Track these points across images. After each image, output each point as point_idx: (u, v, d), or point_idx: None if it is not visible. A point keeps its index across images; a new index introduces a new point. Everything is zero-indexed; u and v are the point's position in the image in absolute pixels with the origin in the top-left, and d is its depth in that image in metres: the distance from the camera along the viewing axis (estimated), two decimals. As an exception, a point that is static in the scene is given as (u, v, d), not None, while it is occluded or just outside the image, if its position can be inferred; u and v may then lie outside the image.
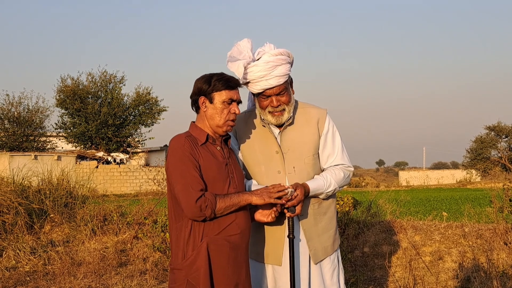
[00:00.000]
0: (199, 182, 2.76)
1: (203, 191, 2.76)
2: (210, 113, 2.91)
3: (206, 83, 2.90)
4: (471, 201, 15.91)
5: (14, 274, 6.84)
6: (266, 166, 3.19)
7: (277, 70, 3.05)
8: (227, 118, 2.90)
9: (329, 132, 3.27)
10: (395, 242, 6.74)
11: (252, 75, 3.05)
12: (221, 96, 2.88)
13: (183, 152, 2.80)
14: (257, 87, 3.09)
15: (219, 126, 2.91)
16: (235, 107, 2.92)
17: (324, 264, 3.24)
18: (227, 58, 3.12)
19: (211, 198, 2.74)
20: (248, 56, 3.06)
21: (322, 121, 3.26)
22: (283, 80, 3.08)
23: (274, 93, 3.09)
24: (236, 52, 3.10)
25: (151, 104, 37.18)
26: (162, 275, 6.56)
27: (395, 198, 10.05)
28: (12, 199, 8.21)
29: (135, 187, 31.40)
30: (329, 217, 3.29)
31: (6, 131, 34.65)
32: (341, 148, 3.29)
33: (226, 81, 2.89)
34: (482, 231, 6.56)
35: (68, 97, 34.51)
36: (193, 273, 2.77)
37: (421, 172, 56.99)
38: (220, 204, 2.75)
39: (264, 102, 3.14)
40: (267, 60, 3.03)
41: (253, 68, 3.04)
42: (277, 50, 3.09)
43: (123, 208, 8.92)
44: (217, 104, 2.89)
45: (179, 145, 2.83)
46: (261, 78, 3.05)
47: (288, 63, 3.11)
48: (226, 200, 2.77)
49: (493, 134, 49.74)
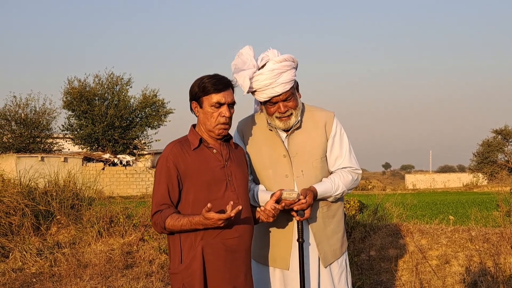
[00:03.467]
0: (163, 197, 2.81)
1: (164, 205, 2.80)
2: (202, 117, 2.89)
3: (196, 87, 2.87)
4: (478, 204, 15.84)
5: (21, 276, 6.86)
6: (273, 170, 3.19)
7: (283, 77, 3.03)
8: (217, 121, 2.85)
9: (337, 135, 3.25)
10: (402, 246, 6.72)
11: (258, 84, 3.04)
12: (209, 100, 2.84)
13: (163, 162, 2.85)
14: (263, 95, 3.08)
15: (210, 131, 2.89)
16: (225, 110, 2.85)
17: (333, 267, 3.24)
18: (232, 69, 3.11)
19: (162, 217, 2.76)
20: (252, 65, 3.05)
21: (330, 124, 3.25)
22: (289, 87, 3.07)
23: (280, 99, 3.09)
24: (240, 63, 3.08)
25: (157, 106, 37.25)
26: (168, 278, 6.55)
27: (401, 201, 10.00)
28: (18, 200, 8.23)
29: (141, 189, 31.49)
30: (337, 220, 3.28)
31: (13, 132, 34.81)
32: (348, 150, 3.28)
33: (214, 84, 2.83)
34: (489, 235, 6.53)
35: (75, 99, 34.63)
36: (188, 277, 2.76)
37: (428, 175, 56.84)
38: (169, 225, 2.75)
39: (272, 109, 3.14)
40: (272, 68, 3.02)
41: (259, 77, 3.03)
42: (281, 56, 3.07)
43: (129, 210, 8.92)
44: (206, 108, 2.85)
45: (164, 154, 2.88)
46: (267, 87, 3.03)
47: (293, 68, 3.10)
48: (175, 224, 2.73)
49: (500, 137, 49.62)
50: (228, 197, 2.83)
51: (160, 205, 2.81)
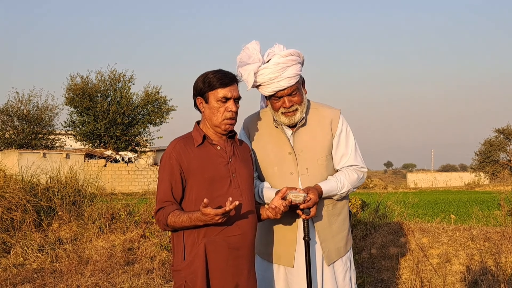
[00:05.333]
0: (166, 194, 2.81)
1: (167, 202, 2.80)
2: (207, 113, 2.87)
3: (201, 82, 2.85)
4: (479, 203, 15.84)
5: (22, 271, 6.87)
6: (279, 167, 3.18)
7: (288, 71, 3.02)
8: (223, 117, 2.83)
9: (343, 133, 3.23)
10: (403, 244, 6.72)
11: (262, 77, 3.03)
12: (216, 95, 2.82)
13: (166, 159, 2.85)
14: (268, 90, 3.07)
15: (217, 126, 2.86)
16: (231, 105, 2.83)
17: (337, 265, 3.23)
18: (237, 63, 3.10)
19: (164, 214, 2.77)
20: (257, 59, 3.04)
21: (336, 122, 3.23)
22: (294, 81, 3.05)
23: (285, 94, 3.07)
24: (245, 57, 3.07)
25: (159, 103, 37.30)
26: (169, 274, 6.57)
27: (403, 200, 10.00)
28: (20, 196, 8.25)
29: (143, 186, 31.52)
30: (342, 218, 3.27)
31: (15, 128, 34.88)
32: (354, 149, 3.25)
33: (220, 78, 2.81)
34: (490, 234, 6.53)
35: (77, 95, 34.69)
36: (190, 274, 2.76)
37: (429, 174, 56.81)
38: (170, 222, 2.75)
39: (277, 104, 3.12)
40: (277, 61, 3.01)
41: (264, 71, 3.02)
42: (287, 51, 3.06)
43: (131, 206, 8.93)
44: (212, 104, 2.83)
45: (167, 151, 2.87)
46: (272, 80, 3.02)
47: (299, 63, 3.09)
48: (176, 221, 2.73)
49: (502, 137, 49.59)
50: (232, 194, 2.81)
51: (163, 202, 2.80)
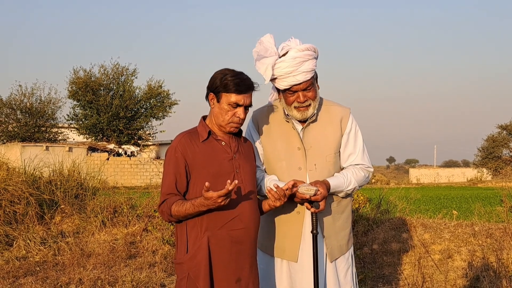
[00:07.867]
0: (170, 187, 2.82)
1: (170, 195, 2.80)
2: (216, 111, 2.88)
3: (219, 80, 2.84)
4: (482, 200, 15.84)
5: (24, 264, 6.89)
6: (287, 162, 3.18)
7: (304, 66, 3.02)
8: (230, 120, 2.86)
9: (352, 131, 3.25)
10: (405, 240, 6.72)
11: (279, 71, 3.03)
12: (228, 98, 2.82)
13: (172, 153, 2.86)
14: (284, 83, 3.07)
15: (222, 126, 2.89)
16: (240, 112, 2.85)
17: (339, 262, 3.24)
18: (254, 56, 3.10)
19: (168, 204, 2.78)
20: (274, 53, 3.04)
21: (346, 120, 3.24)
22: (310, 76, 3.05)
23: (300, 88, 3.07)
24: (263, 50, 3.07)
25: (162, 97, 37.32)
26: (171, 268, 6.59)
27: (405, 195, 10.01)
28: (23, 189, 8.26)
29: (145, 179, 31.57)
30: (346, 216, 3.28)
31: (18, 121, 34.94)
32: (362, 148, 3.27)
33: (237, 84, 2.81)
34: (492, 230, 6.53)
35: (80, 89, 34.71)
36: (193, 268, 2.78)
37: (432, 170, 56.83)
38: (174, 211, 2.76)
39: (291, 98, 3.12)
40: (294, 56, 3.01)
41: (281, 64, 3.02)
42: (304, 45, 3.06)
43: (133, 200, 8.95)
44: (223, 105, 2.84)
45: (173, 145, 2.88)
46: (289, 74, 3.02)
47: (314, 58, 3.09)
48: (180, 210, 2.74)
49: (505, 133, 49.49)
50: (235, 189, 2.81)
51: (167, 194, 2.82)
